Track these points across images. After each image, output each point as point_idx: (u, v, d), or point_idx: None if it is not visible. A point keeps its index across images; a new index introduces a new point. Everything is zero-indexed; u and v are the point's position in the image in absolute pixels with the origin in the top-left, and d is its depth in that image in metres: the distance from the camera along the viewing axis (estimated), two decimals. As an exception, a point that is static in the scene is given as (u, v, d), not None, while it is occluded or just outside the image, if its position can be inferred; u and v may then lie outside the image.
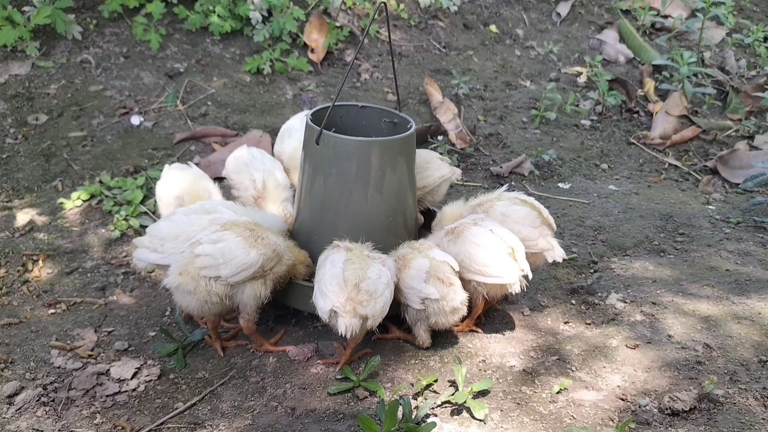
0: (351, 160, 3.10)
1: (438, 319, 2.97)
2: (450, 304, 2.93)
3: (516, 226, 3.14)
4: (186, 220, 3.07)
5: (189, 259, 2.84)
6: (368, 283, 2.78)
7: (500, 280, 2.97)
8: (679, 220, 4.29)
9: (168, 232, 3.05)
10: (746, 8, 7.33)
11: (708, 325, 3.21)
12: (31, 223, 4.07)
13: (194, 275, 2.82)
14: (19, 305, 3.52)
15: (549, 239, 3.21)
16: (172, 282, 2.86)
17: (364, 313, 2.75)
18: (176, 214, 3.15)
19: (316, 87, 5.36)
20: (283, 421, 2.71)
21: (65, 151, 4.59)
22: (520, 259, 2.99)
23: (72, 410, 2.85)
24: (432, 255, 3.00)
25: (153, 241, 3.06)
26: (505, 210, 3.22)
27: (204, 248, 2.83)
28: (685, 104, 5.62)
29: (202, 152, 4.69)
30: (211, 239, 2.87)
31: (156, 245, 3.05)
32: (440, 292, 2.91)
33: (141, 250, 3.09)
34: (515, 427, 2.67)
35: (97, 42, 5.26)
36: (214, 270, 2.82)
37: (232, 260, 2.83)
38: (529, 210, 3.23)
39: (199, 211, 3.13)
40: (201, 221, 3.05)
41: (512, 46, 6.33)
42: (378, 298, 2.78)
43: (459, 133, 5.11)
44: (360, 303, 2.75)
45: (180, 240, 2.99)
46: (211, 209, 3.13)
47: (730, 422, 2.65)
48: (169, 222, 3.10)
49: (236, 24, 5.48)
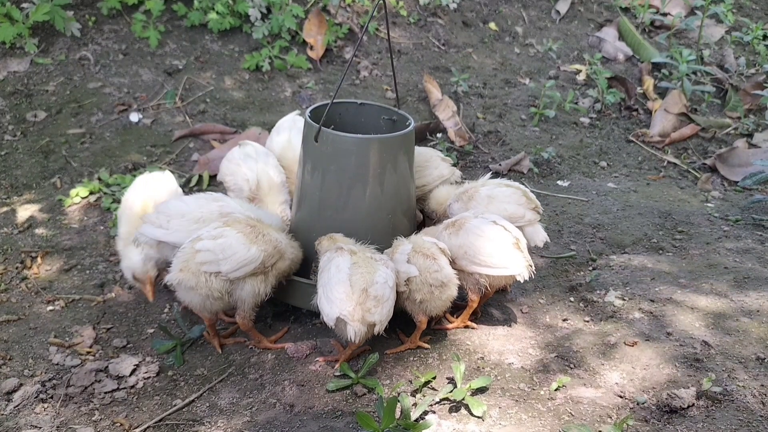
0: (350, 157, 3.10)
1: (425, 296, 2.92)
2: (434, 276, 2.91)
3: (502, 205, 3.25)
4: (195, 202, 3.17)
5: (190, 255, 2.85)
6: (376, 288, 2.77)
7: (507, 271, 3.00)
8: (678, 218, 4.29)
9: (176, 210, 3.13)
10: (746, 6, 7.33)
11: (706, 323, 3.21)
12: (30, 220, 4.07)
13: (195, 271, 2.83)
14: (17, 302, 3.52)
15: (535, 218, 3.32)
16: (173, 278, 2.87)
17: (372, 321, 2.76)
18: (187, 197, 3.29)
19: (315, 84, 5.36)
20: (282, 418, 2.71)
21: (64, 148, 4.58)
22: (524, 249, 3.02)
23: (70, 407, 2.85)
24: (415, 239, 3.04)
25: (160, 217, 3.14)
26: (490, 192, 3.31)
27: (204, 244, 2.85)
28: (684, 102, 5.62)
29: (200, 149, 4.69)
30: (212, 235, 2.88)
31: (162, 221, 3.12)
32: (422, 265, 2.91)
33: (147, 225, 3.16)
34: (513, 424, 2.67)
35: (96, 39, 5.25)
36: (214, 266, 2.83)
37: (232, 256, 2.84)
38: (513, 189, 3.34)
39: (208, 198, 3.23)
40: (210, 206, 3.14)
41: (511, 43, 6.32)
42: (385, 303, 2.79)
43: (458, 131, 5.11)
44: (368, 310, 2.74)
45: (186, 219, 3.08)
46: (219, 198, 3.23)
47: (729, 420, 2.65)
48: (179, 201, 3.21)
49: (235, 21, 5.48)
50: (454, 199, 3.39)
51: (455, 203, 3.38)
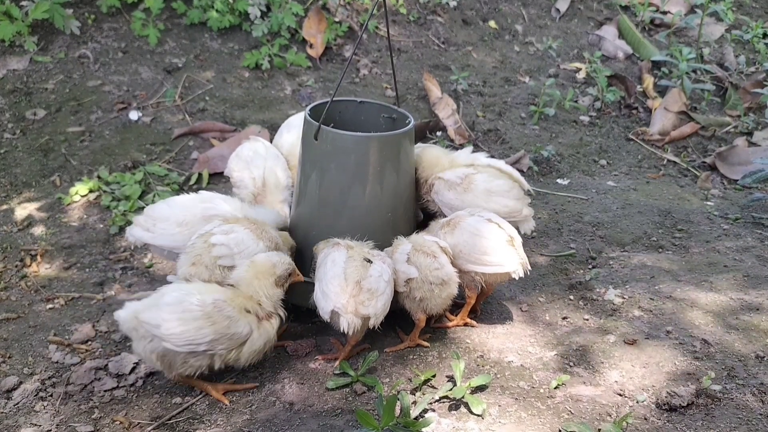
0: (349, 155, 3.10)
1: (424, 294, 2.93)
2: (434, 274, 2.92)
3: (501, 200, 3.27)
4: (180, 205, 3.18)
5: (203, 250, 2.87)
6: (370, 281, 2.78)
7: (501, 269, 3.01)
8: (678, 216, 4.29)
9: (161, 214, 3.15)
10: (745, 4, 7.32)
11: (706, 321, 3.21)
12: (30, 218, 4.06)
13: (209, 265, 2.87)
14: (17, 300, 3.52)
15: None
16: (186, 273, 2.89)
17: (365, 313, 2.76)
18: (174, 198, 3.28)
19: (314, 82, 5.36)
20: (282, 416, 2.71)
21: (63, 146, 4.58)
22: (518, 247, 3.04)
23: (70, 405, 2.85)
24: (415, 238, 3.05)
25: (147, 220, 3.16)
26: (488, 186, 3.29)
27: (219, 238, 2.91)
28: (684, 100, 5.62)
29: (200, 147, 4.69)
30: (223, 230, 2.94)
31: (149, 225, 3.14)
32: (423, 263, 2.92)
33: (135, 227, 3.19)
34: (513, 422, 2.67)
35: (96, 37, 5.25)
36: (229, 260, 2.89)
37: (245, 250, 2.91)
38: (511, 183, 3.35)
39: (195, 199, 3.23)
40: (194, 209, 3.14)
41: (511, 41, 6.32)
42: (379, 296, 2.79)
43: (458, 129, 5.11)
44: (362, 303, 2.75)
45: (170, 222, 3.10)
46: (207, 199, 3.23)
47: (728, 418, 2.65)
48: (165, 204, 3.22)
49: (235, 19, 5.47)
50: (445, 186, 3.33)
51: (447, 192, 3.32)
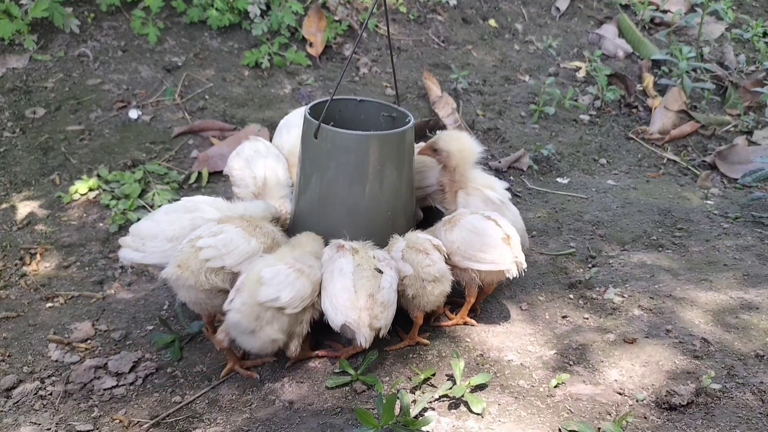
0: (349, 154, 3.09)
1: (416, 291, 2.93)
2: (426, 271, 2.92)
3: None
4: (166, 219, 3.07)
5: (190, 254, 2.83)
6: (383, 294, 2.78)
7: (495, 267, 3.01)
8: (678, 215, 4.29)
9: (148, 232, 3.04)
10: (746, 3, 7.32)
11: (706, 320, 3.22)
12: (29, 217, 4.06)
13: (195, 269, 2.82)
14: (16, 299, 3.51)
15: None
16: (169, 274, 2.84)
17: (379, 326, 2.77)
18: (157, 212, 3.16)
19: (314, 81, 5.35)
20: (281, 415, 2.71)
21: (63, 144, 4.58)
22: (514, 246, 3.03)
23: (69, 404, 2.85)
24: (409, 236, 3.05)
25: (135, 240, 3.06)
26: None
27: (206, 241, 2.85)
28: (684, 99, 5.62)
29: (200, 146, 4.68)
30: (212, 232, 2.89)
31: (138, 244, 3.04)
32: (415, 260, 2.92)
33: (125, 249, 3.09)
34: (513, 421, 2.67)
35: (95, 35, 5.24)
36: (218, 261, 2.84)
37: (235, 249, 2.86)
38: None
39: (179, 209, 3.13)
40: (181, 221, 3.05)
41: (511, 40, 6.31)
42: (390, 307, 2.81)
43: (458, 128, 5.10)
44: (376, 317, 2.75)
45: (159, 239, 3.00)
46: (192, 208, 3.13)
47: (728, 417, 2.65)
48: (150, 221, 3.10)
49: (234, 18, 5.47)
50: (482, 202, 3.31)
51: (481, 204, 3.31)
